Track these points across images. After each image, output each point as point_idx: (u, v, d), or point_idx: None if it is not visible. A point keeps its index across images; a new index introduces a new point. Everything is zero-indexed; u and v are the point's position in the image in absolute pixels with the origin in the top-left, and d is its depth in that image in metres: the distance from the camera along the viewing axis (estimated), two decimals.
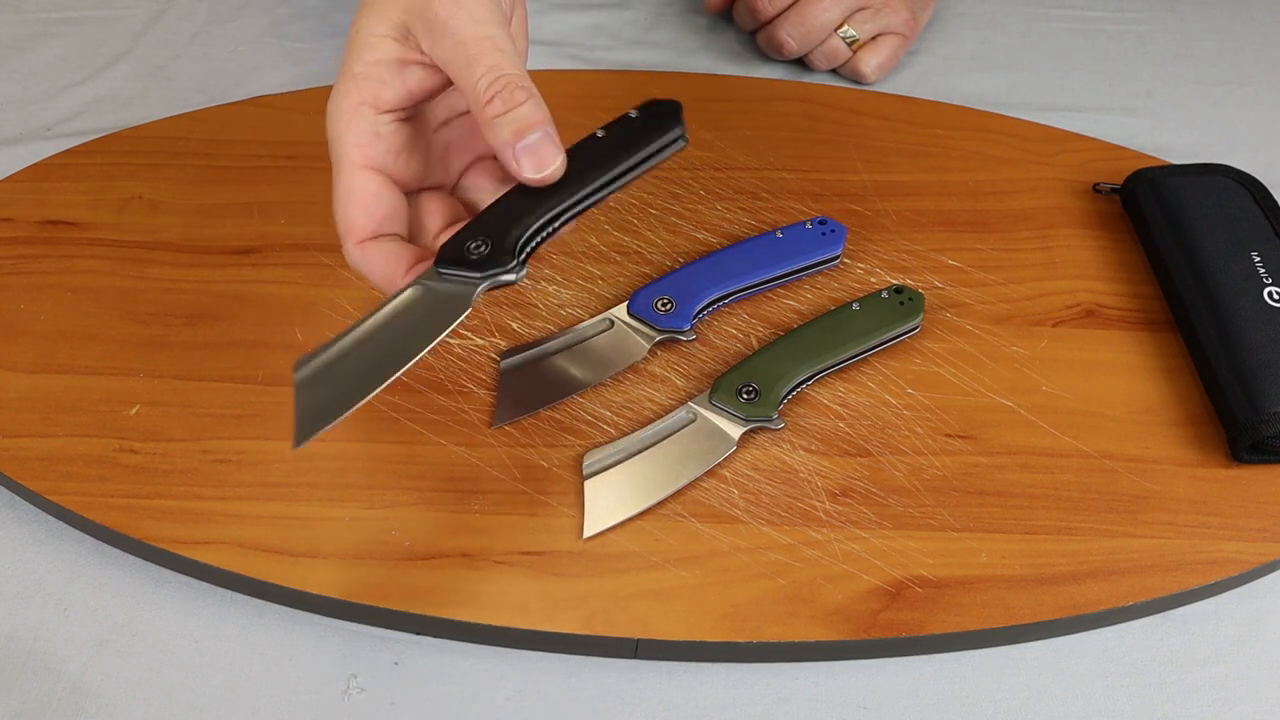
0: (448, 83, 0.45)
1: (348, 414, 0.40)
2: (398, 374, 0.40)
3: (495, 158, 0.47)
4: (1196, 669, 0.47)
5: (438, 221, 0.47)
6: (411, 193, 0.47)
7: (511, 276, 0.43)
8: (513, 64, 0.43)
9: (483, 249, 0.43)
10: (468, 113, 0.47)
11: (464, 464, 0.50)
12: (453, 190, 0.49)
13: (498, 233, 0.43)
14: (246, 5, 0.76)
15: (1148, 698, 0.46)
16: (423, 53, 0.44)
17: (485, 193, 0.48)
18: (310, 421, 0.40)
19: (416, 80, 0.45)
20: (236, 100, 0.67)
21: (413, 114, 0.46)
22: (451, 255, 0.43)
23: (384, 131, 0.45)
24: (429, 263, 0.44)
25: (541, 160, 0.43)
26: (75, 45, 0.72)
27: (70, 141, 0.64)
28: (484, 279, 0.43)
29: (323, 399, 0.41)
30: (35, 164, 0.62)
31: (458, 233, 0.44)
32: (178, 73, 0.71)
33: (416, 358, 0.41)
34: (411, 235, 0.47)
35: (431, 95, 0.46)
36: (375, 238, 0.45)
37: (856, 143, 0.66)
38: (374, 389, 0.40)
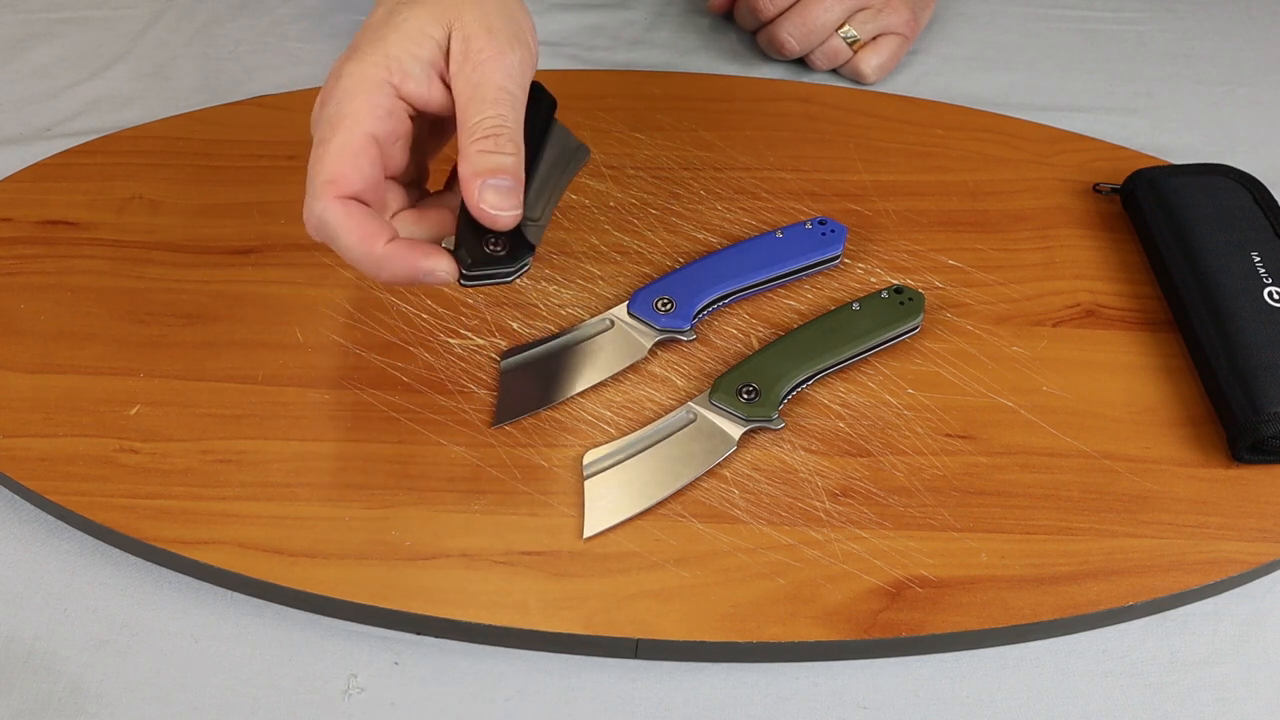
0: (447, 123, 0.46)
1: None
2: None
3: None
4: (1196, 669, 0.47)
5: (396, 203, 0.46)
6: None
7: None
8: (518, 123, 0.45)
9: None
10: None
11: (464, 464, 0.50)
12: None
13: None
14: (246, 5, 0.76)
15: (1148, 698, 0.46)
16: (448, 73, 0.45)
17: None
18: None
19: (437, 94, 0.45)
20: (236, 100, 0.67)
21: (415, 118, 0.46)
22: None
23: (397, 114, 0.45)
24: (408, 242, 0.44)
25: (502, 203, 0.44)
26: (75, 45, 0.72)
27: (70, 141, 0.64)
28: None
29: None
30: (35, 164, 0.62)
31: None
32: (178, 73, 0.71)
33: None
34: None
35: (434, 115, 0.46)
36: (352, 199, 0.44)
37: (856, 143, 0.66)
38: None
